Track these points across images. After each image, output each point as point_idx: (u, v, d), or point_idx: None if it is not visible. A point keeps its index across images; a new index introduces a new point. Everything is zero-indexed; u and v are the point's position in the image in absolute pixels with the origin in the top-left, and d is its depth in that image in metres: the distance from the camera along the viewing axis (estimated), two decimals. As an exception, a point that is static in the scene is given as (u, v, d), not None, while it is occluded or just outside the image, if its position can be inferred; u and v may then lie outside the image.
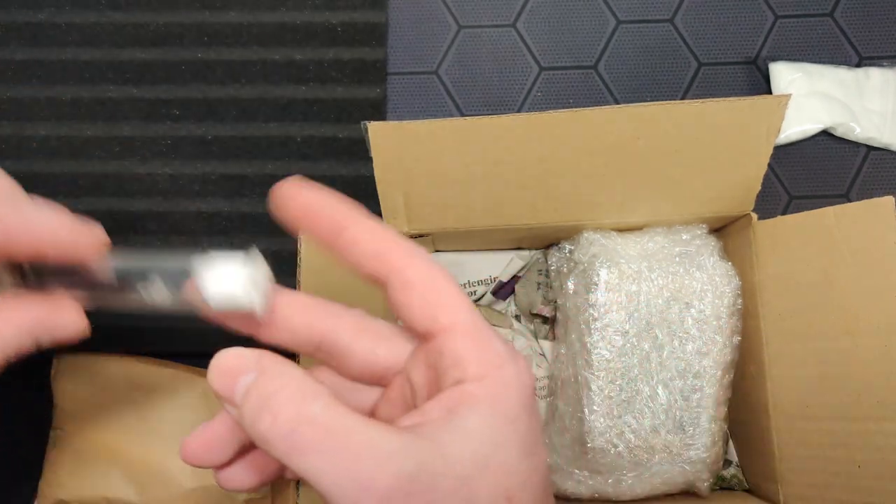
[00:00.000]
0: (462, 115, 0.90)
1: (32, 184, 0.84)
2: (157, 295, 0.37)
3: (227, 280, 0.36)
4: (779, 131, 0.64)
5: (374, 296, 0.72)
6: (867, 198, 0.59)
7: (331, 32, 0.91)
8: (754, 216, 0.70)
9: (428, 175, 0.66)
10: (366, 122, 0.64)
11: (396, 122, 0.62)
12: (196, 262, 0.37)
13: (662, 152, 0.65)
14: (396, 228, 0.70)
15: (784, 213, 0.87)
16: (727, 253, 0.74)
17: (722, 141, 0.65)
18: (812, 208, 0.64)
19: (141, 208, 0.86)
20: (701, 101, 0.62)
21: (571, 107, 0.61)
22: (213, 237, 0.86)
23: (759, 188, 0.68)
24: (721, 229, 0.77)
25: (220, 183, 0.87)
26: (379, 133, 0.63)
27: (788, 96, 0.62)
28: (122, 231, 0.86)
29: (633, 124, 0.63)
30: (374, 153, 0.64)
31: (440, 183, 0.67)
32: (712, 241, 0.72)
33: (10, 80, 0.89)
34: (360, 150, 0.87)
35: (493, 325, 0.78)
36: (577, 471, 0.71)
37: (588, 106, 0.63)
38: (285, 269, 0.85)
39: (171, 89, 0.90)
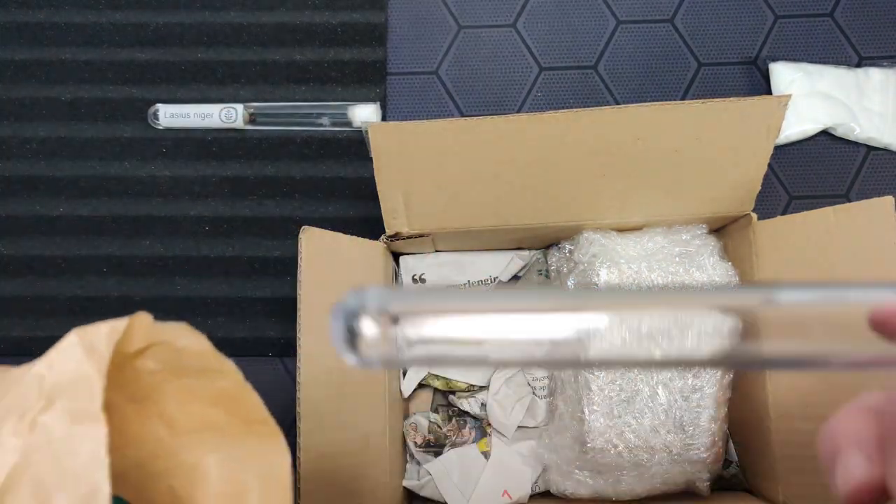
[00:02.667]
0: (462, 115, 0.90)
1: (33, 186, 0.85)
2: None
3: None
4: (779, 131, 0.64)
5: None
6: (867, 198, 0.59)
7: (331, 32, 0.91)
8: (754, 216, 0.70)
9: (428, 175, 0.66)
10: (366, 122, 0.64)
11: (397, 122, 0.62)
12: None
13: (662, 153, 0.65)
14: (396, 228, 0.70)
15: (784, 213, 0.87)
16: (727, 253, 0.74)
17: (722, 141, 0.65)
18: (812, 208, 0.64)
19: (141, 211, 0.86)
20: (701, 101, 0.62)
21: (571, 107, 0.61)
22: (214, 239, 0.86)
23: (760, 188, 0.68)
24: (721, 229, 0.77)
25: (220, 185, 0.87)
26: (379, 133, 0.63)
27: (788, 96, 0.62)
28: (124, 235, 0.86)
29: (633, 125, 0.63)
30: (374, 154, 0.64)
31: (440, 183, 0.67)
32: (712, 241, 0.72)
33: (9, 80, 0.89)
34: (360, 151, 0.87)
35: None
36: (577, 471, 0.71)
37: (588, 106, 0.63)
38: (286, 271, 0.85)
39: (171, 89, 0.90)
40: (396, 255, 0.81)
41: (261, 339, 0.84)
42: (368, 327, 0.29)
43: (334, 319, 0.29)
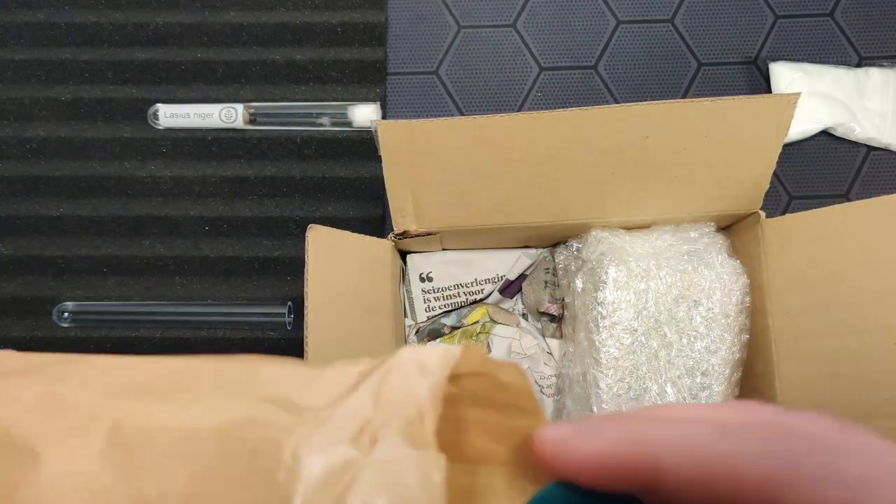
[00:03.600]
0: (462, 114, 0.90)
1: (34, 186, 0.84)
2: None
3: None
4: (788, 129, 0.64)
5: (377, 291, 0.72)
6: (867, 198, 0.59)
7: (331, 32, 0.91)
8: (762, 214, 0.71)
9: (436, 173, 0.66)
10: (375, 120, 0.64)
11: (406, 120, 0.62)
12: None
13: (670, 150, 0.65)
14: (404, 227, 0.70)
15: (784, 213, 0.87)
16: (735, 251, 0.74)
17: (730, 139, 0.65)
18: (812, 208, 0.65)
19: (142, 212, 0.86)
20: (710, 99, 0.62)
21: (571, 107, 0.61)
22: (214, 239, 0.86)
23: (768, 186, 0.68)
24: (729, 227, 0.77)
25: (220, 185, 0.87)
26: (388, 131, 0.62)
27: (797, 94, 0.62)
28: (125, 234, 0.86)
29: (641, 123, 0.63)
30: (382, 152, 0.63)
31: (448, 181, 0.67)
32: (720, 239, 0.72)
33: (9, 80, 0.89)
34: (360, 151, 0.87)
35: (501, 323, 0.78)
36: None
37: (588, 106, 0.63)
38: (287, 271, 0.85)
39: (171, 89, 0.89)
40: (403, 254, 0.81)
41: (261, 339, 0.84)
42: None
43: None
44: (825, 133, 0.88)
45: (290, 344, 0.84)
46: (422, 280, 0.79)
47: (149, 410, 0.30)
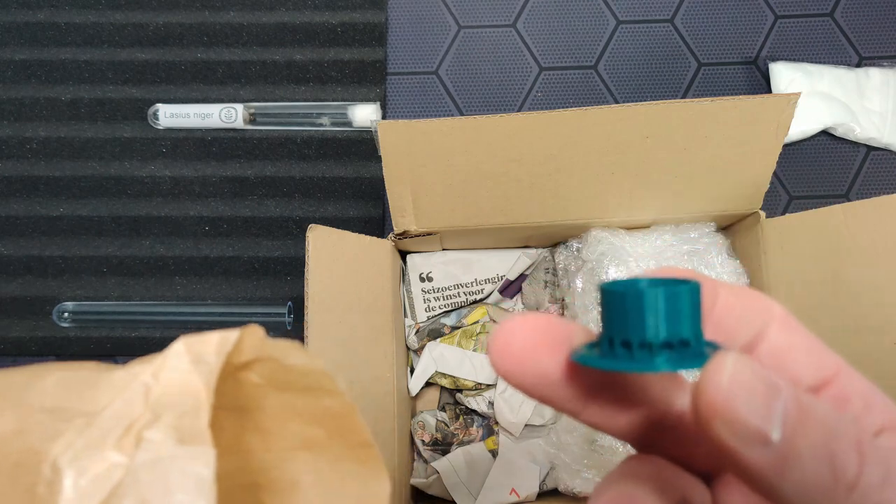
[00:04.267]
0: (462, 115, 0.90)
1: (34, 186, 0.84)
2: None
3: None
4: (788, 129, 0.64)
5: (377, 291, 0.72)
6: (867, 198, 0.59)
7: (331, 32, 0.91)
8: (762, 214, 0.71)
9: (437, 173, 0.66)
10: (375, 120, 0.64)
11: (406, 120, 0.62)
12: None
13: (671, 151, 0.65)
14: (404, 227, 0.70)
15: (784, 213, 0.87)
16: (735, 251, 0.74)
17: (731, 139, 0.65)
18: (812, 208, 0.65)
19: (141, 212, 0.86)
20: (710, 99, 0.62)
21: (571, 107, 0.61)
22: (214, 239, 0.86)
23: (768, 186, 0.68)
24: (729, 227, 0.77)
25: (220, 185, 0.87)
26: (388, 131, 0.62)
27: (798, 94, 0.62)
28: (125, 235, 0.86)
29: (642, 123, 0.63)
30: (382, 151, 0.63)
31: (449, 181, 0.66)
32: (720, 239, 0.72)
33: (9, 81, 0.89)
34: (360, 151, 0.87)
35: (500, 323, 0.78)
36: (585, 469, 0.71)
37: (588, 106, 0.63)
38: (287, 271, 0.85)
39: (171, 89, 0.89)
40: (403, 254, 0.81)
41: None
42: None
43: None
44: (825, 133, 0.88)
45: (290, 344, 0.83)
46: (422, 280, 0.79)
47: None
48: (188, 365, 0.31)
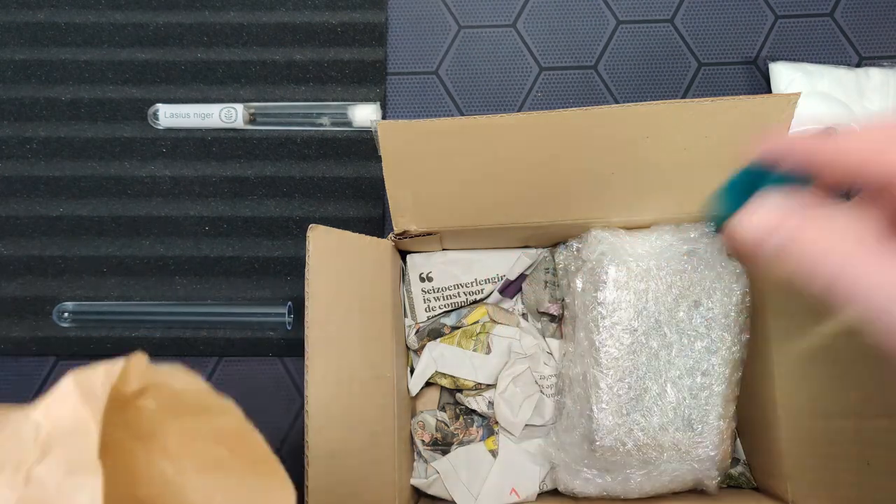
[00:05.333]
0: (462, 115, 0.90)
1: (34, 186, 0.84)
2: None
3: None
4: (788, 129, 0.64)
5: (377, 291, 0.72)
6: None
7: (331, 32, 0.91)
8: (762, 214, 0.70)
9: (436, 173, 0.66)
10: (375, 120, 0.64)
11: (406, 120, 0.62)
12: None
13: (671, 150, 0.65)
14: (404, 227, 0.70)
15: (784, 212, 0.87)
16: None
17: (731, 139, 0.65)
18: (812, 208, 0.65)
19: (141, 212, 0.86)
20: (710, 99, 0.62)
21: (571, 107, 0.61)
22: (214, 239, 0.86)
23: (768, 186, 0.68)
24: (729, 227, 0.77)
25: (220, 185, 0.87)
26: (388, 131, 0.62)
27: (798, 94, 0.62)
28: (125, 234, 0.86)
29: (642, 123, 0.63)
30: (382, 152, 0.63)
31: (449, 181, 0.66)
32: (720, 240, 0.72)
33: (9, 81, 0.89)
34: (360, 151, 0.87)
35: (501, 323, 0.78)
36: (585, 469, 0.71)
37: (588, 106, 0.63)
38: (287, 270, 0.85)
39: (171, 89, 0.89)
40: (403, 254, 0.81)
41: (261, 339, 0.84)
42: None
43: None
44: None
45: (290, 344, 0.84)
46: (422, 280, 0.79)
47: None
48: (77, 400, 0.32)
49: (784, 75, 0.88)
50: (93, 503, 0.28)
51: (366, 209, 0.87)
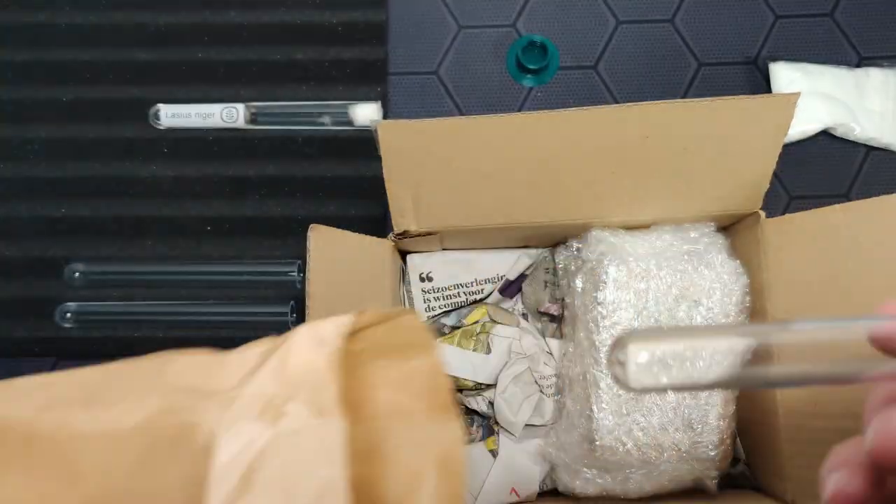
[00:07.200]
0: (462, 115, 0.90)
1: (36, 188, 0.84)
2: None
3: None
4: (788, 129, 0.64)
5: (378, 293, 0.72)
6: (867, 198, 0.59)
7: (331, 32, 0.91)
8: (762, 214, 0.70)
9: (437, 173, 0.66)
10: (375, 121, 0.64)
11: (406, 120, 0.62)
12: None
13: (670, 150, 0.65)
14: (404, 227, 0.70)
15: (784, 213, 0.87)
16: (735, 251, 0.74)
17: (730, 139, 0.65)
18: (812, 208, 0.65)
19: (143, 212, 0.86)
20: (710, 99, 0.62)
21: (571, 107, 0.61)
22: (216, 239, 0.86)
23: (768, 186, 0.68)
24: (729, 227, 0.77)
25: (221, 185, 0.87)
26: (388, 131, 0.62)
27: (797, 94, 0.62)
28: (126, 235, 0.86)
29: (642, 122, 0.64)
30: (382, 152, 0.63)
31: (449, 181, 0.67)
32: (720, 239, 0.72)
33: (10, 81, 0.89)
34: (360, 150, 0.87)
35: (501, 323, 0.78)
36: (585, 469, 0.71)
37: (588, 106, 0.63)
38: (290, 270, 0.85)
39: (172, 89, 0.89)
40: (403, 254, 0.81)
41: (263, 339, 0.84)
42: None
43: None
44: (825, 133, 0.88)
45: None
46: (422, 280, 0.79)
47: (75, 420, 0.32)
48: (312, 346, 0.35)
49: (784, 75, 0.88)
50: (337, 444, 0.30)
51: (367, 208, 0.87)
